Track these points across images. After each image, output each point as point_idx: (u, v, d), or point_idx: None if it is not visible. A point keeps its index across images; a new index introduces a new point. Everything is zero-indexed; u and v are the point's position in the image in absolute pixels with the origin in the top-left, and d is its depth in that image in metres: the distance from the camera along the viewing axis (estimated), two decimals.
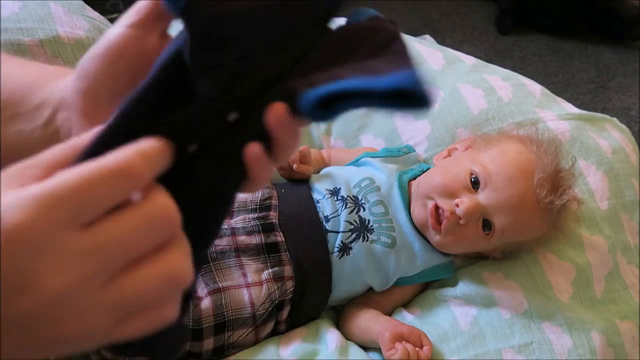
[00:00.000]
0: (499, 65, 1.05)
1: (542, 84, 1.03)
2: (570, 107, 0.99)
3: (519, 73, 1.04)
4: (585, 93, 1.78)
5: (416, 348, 0.71)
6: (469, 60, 1.02)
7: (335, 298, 0.79)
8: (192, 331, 0.69)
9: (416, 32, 1.77)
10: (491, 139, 0.83)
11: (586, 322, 0.77)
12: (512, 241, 0.79)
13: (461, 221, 0.74)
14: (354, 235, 0.77)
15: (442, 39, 1.83)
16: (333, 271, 0.76)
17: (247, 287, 0.71)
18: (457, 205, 0.74)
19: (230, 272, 0.72)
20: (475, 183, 0.76)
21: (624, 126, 1.01)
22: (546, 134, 0.84)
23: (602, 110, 1.67)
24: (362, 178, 0.81)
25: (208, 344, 0.70)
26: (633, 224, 0.89)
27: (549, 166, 0.76)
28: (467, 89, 0.94)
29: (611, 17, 1.92)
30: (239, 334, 0.71)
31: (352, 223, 0.78)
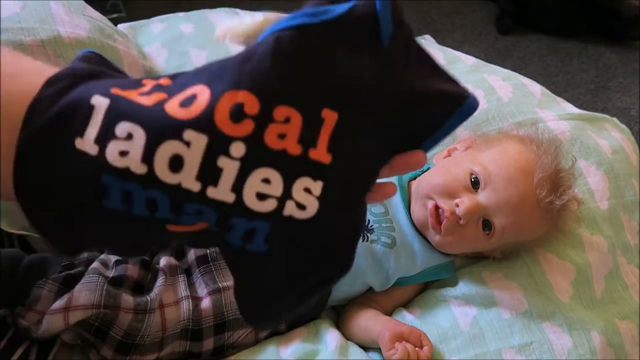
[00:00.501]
0: (499, 65, 1.05)
1: (542, 84, 1.03)
2: (570, 107, 0.99)
3: (519, 73, 1.04)
4: (585, 93, 1.78)
5: (416, 348, 0.71)
6: (469, 60, 1.02)
7: (335, 298, 0.79)
8: (192, 331, 0.69)
9: (416, 32, 1.76)
10: (491, 139, 0.83)
11: (586, 322, 0.77)
12: (512, 241, 0.79)
13: (461, 221, 0.74)
14: None
15: (442, 39, 1.83)
16: None
17: None
18: (457, 205, 0.74)
19: (230, 272, 0.72)
20: (475, 183, 0.76)
21: (624, 126, 1.01)
22: (546, 134, 0.84)
23: (602, 110, 1.67)
24: None
25: (208, 344, 0.70)
26: (633, 224, 0.90)
27: (549, 166, 0.76)
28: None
29: (611, 17, 1.92)
30: (239, 334, 0.71)
31: None
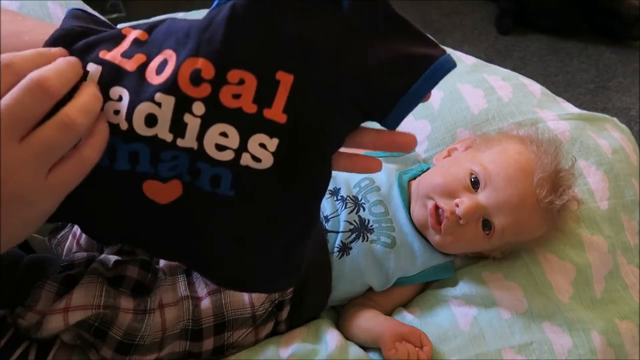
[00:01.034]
0: (499, 65, 1.05)
1: (542, 84, 1.03)
2: (570, 107, 0.99)
3: (519, 73, 1.03)
4: (585, 93, 1.78)
5: (416, 348, 0.71)
6: (469, 60, 1.02)
7: (335, 298, 0.79)
8: (192, 331, 0.69)
9: None
10: (491, 139, 0.83)
11: (586, 322, 0.77)
12: (512, 241, 0.79)
13: (461, 221, 0.74)
14: (354, 235, 0.77)
15: (442, 39, 1.83)
16: (333, 271, 0.76)
17: None
18: (457, 205, 0.74)
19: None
20: (475, 183, 0.76)
21: (624, 126, 1.01)
22: (546, 134, 0.84)
23: (602, 110, 1.67)
24: (362, 178, 0.81)
25: (208, 344, 0.70)
26: (633, 224, 0.89)
27: (549, 166, 0.76)
28: (467, 89, 0.94)
29: (611, 17, 1.92)
30: (239, 334, 0.71)
31: (352, 223, 0.77)
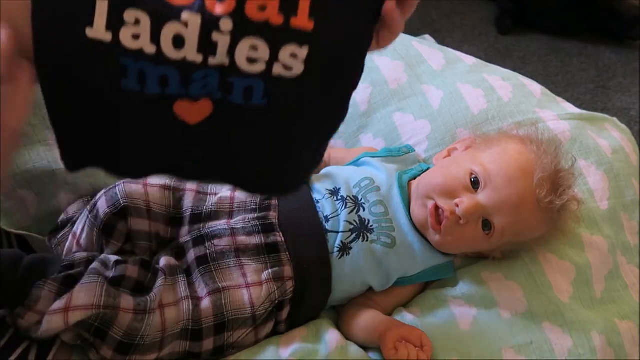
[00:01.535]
0: (499, 65, 1.05)
1: (542, 84, 1.03)
2: (570, 107, 0.99)
3: (519, 73, 1.03)
4: (585, 93, 1.77)
5: (416, 348, 0.71)
6: (469, 60, 1.02)
7: (335, 298, 0.79)
8: (192, 331, 0.69)
9: (416, 32, 1.77)
10: (491, 139, 0.83)
11: (586, 322, 0.77)
12: (512, 241, 0.79)
13: (461, 221, 0.74)
14: (354, 235, 0.77)
15: (442, 39, 1.83)
16: (333, 271, 0.76)
17: (247, 287, 0.71)
18: (457, 205, 0.74)
19: (230, 273, 0.72)
20: (475, 183, 0.76)
21: (624, 126, 1.01)
22: (546, 134, 0.84)
23: (602, 110, 1.67)
24: (362, 178, 0.81)
25: (208, 344, 0.70)
26: (633, 224, 0.90)
27: (549, 166, 0.76)
28: (467, 89, 0.94)
29: (611, 17, 1.92)
30: (239, 334, 0.71)
31: (352, 223, 0.77)
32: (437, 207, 0.76)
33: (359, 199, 0.79)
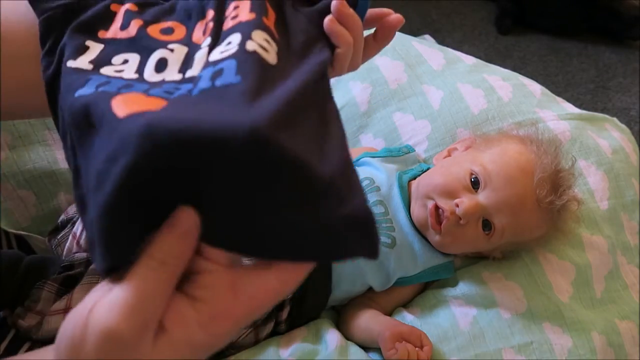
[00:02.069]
0: (499, 65, 1.05)
1: (542, 84, 1.03)
2: (570, 107, 0.99)
3: (519, 73, 1.03)
4: (585, 93, 1.77)
5: (416, 348, 0.71)
6: (469, 60, 1.02)
7: (335, 298, 0.79)
8: None
9: (416, 32, 1.77)
10: (491, 139, 0.83)
11: (586, 322, 0.77)
12: (512, 241, 0.79)
13: (461, 221, 0.74)
14: None
15: (442, 39, 1.83)
16: (333, 271, 0.76)
17: None
18: (457, 205, 0.74)
19: None
20: (475, 183, 0.76)
21: (624, 126, 1.01)
22: (546, 134, 0.84)
23: (602, 110, 1.67)
24: (362, 178, 0.81)
25: None
26: (633, 224, 0.90)
27: (549, 166, 0.76)
28: (467, 89, 0.94)
29: (611, 17, 1.92)
30: (239, 334, 0.71)
31: None
32: (437, 207, 0.76)
33: None
